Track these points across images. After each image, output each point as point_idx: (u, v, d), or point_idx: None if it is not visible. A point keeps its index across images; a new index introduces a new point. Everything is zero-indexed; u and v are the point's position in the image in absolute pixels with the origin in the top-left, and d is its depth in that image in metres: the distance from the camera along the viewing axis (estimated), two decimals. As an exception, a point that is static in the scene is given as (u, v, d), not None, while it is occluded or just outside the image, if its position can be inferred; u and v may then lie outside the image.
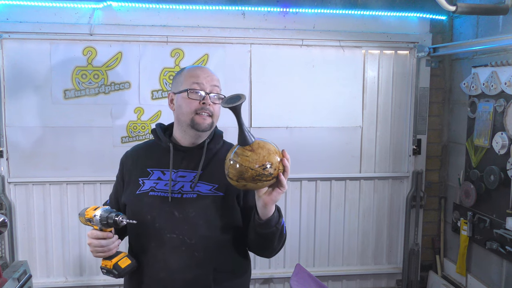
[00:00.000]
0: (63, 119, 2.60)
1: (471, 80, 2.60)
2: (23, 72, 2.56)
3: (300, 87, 2.78)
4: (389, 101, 2.92)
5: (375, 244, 3.02)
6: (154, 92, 2.68)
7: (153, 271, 1.40)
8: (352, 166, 2.91)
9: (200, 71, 1.46)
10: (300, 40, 2.74)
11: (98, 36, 2.57)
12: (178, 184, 1.42)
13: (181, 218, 1.39)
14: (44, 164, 2.63)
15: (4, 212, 2.58)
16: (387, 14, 2.79)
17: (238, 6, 2.65)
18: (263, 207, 1.26)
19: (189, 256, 1.38)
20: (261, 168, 1.15)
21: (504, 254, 2.39)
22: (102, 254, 1.36)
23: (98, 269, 2.74)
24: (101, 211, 1.34)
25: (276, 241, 1.36)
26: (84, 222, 1.39)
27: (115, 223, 1.33)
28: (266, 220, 1.29)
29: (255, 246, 1.44)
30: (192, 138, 1.46)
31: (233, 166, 1.18)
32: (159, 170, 1.45)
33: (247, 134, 1.19)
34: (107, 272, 1.38)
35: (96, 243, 1.34)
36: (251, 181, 1.16)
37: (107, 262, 1.37)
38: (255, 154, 1.16)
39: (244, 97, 1.18)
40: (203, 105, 1.40)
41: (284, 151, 1.21)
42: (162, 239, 1.39)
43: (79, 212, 1.43)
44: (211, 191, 1.41)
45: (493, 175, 2.43)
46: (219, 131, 1.55)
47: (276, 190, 1.22)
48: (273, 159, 1.17)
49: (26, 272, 2.27)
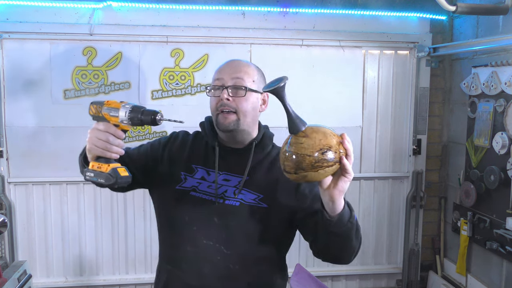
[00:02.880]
0: (63, 119, 2.60)
1: (471, 80, 2.59)
2: (23, 72, 2.56)
3: (300, 87, 2.77)
4: (389, 101, 2.92)
5: (375, 244, 3.02)
6: (154, 92, 2.67)
7: (186, 276, 1.32)
8: (352, 166, 2.90)
9: (225, 65, 1.34)
10: (300, 40, 2.74)
11: (98, 36, 2.57)
12: (222, 188, 1.31)
13: (220, 225, 1.30)
14: (44, 164, 2.63)
15: (4, 212, 2.58)
16: (387, 14, 2.78)
17: (238, 6, 2.65)
18: (331, 202, 1.11)
19: (223, 268, 1.29)
20: (320, 153, 1.03)
21: (504, 254, 2.39)
22: (99, 151, 1.15)
23: (98, 269, 2.75)
24: (133, 104, 1.15)
25: (354, 239, 1.20)
26: (96, 112, 1.19)
27: (152, 121, 1.13)
28: (338, 216, 1.13)
29: (332, 251, 1.26)
30: (227, 138, 1.34)
31: (288, 157, 1.05)
32: (204, 169, 1.34)
33: (296, 120, 1.07)
34: (95, 176, 1.16)
35: (103, 136, 1.14)
36: (310, 169, 1.03)
37: (102, 165, 1.16)
38: (310, 139, 1.04)
39: (286, 78, 1.06)
40: (221, 101, 1.27)
41: (343, 134, 1.09)
42: (198, 245, 1.30)
43: (92, 101, 1.22)
44: (255, 201, 1.30)
45: (493, 175, 2.42)
46: (269, 133, 1.40)
47: (342, 179, 1.09)
48: (331, 142, 1.05)
49: (26, 272, 2.27)
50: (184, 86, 2.69)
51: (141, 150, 1.42)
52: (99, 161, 1.16)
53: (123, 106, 1.15)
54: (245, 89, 1.29)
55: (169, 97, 2.69)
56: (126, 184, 1.19)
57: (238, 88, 1.29)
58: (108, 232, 2.74)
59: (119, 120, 1.15)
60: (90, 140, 1.16)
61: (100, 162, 1.16)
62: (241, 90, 1.29)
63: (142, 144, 1.45)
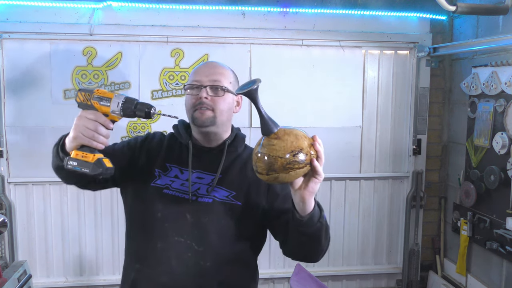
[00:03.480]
0: (63, 119, 2.60)
1: (471, 80, 2.59)
2: (23, 72, 2.56)
3: (300, 87, 2.77)
4: (389, 101, 2.92)
5: (375, 244, 3.02)
6: (154, 92, 2.68)
7: (155, 273, 1.32)
8: (352, 166, 2.91)
9: (203, 66, 1.39)
10: (300, 40, 2.74)
11: (98, 36, 2.57)
12: (195, 186, 1.33)
13: (192, 222, 1.31)
14: (44, 164, 2.62)
15: (4, 212, 2.58)
16: (387, 14, 2.78)
17: (238, 6, 2.65)
18: (301, 203, 1.14)
19: (194, 264, 1.30)
20: (291, 155, 1.05)
21: (504, 254, 2.39)
22: (86, 140, 1.12)
23: (98, 269, 2.75)
24: (126, 95, 1.13)
25: (323, 238, 1.24)
26: (84, 100, 1.15)
27: (147, 114, 1.12)
28: (308, 216, 1.17)
29: (301, 250, 1.30)
30: (202, 136, 1.37)
31: (260, 159, 1.08)
32: (177, 168, 1.36)
33: (269, 121, 1.09)
34: (79, 166, 1.11)
35: (91, 125, 1.12)
36: (282, 171, 1.06)
37: (87, 155, 1.12)
38: (282, 141, 1.07)
39: (259, 80, 1.08)
40: (200, 99, 1.32)
41: (315, 136, 1.11)
42: (169, 241, 1.31)
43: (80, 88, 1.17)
44: (228, 199, 1.33)
45: (493, 175, 2.42)
46: (241, 134, 1.45)
47: (312, 180, 1.11)
48: (302, 144, 1.07)
49: (26, 272, 2.27)
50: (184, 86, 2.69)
51: (116, 147, 1.43)
52: (83, 150, 1.13)
53: (116, 96, 1.13)
54: (223, 89, 1.34)
55: (169, 97, 2.69)
56: (110, 175, 1.17)
57: (216, 88, 1.33)
58: (108, 232, 2.74)
59: (110, 110, 1.13)
60: (77, 128, 1.13)
61: (84, 151, 1.12)
62: (219, 90, 1.33)
63: (115, 143, 1.46)
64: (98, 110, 1.14)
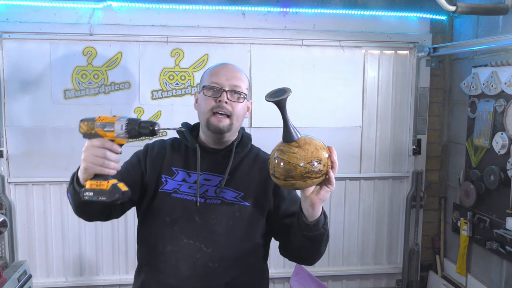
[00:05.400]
0: (63, 119, 2.60)
1: (471, 80, 2.60)
2: (23, 72, 2.56)
3: (300, 87, 2.77)
4: (389, 101, 2.92)
5: (375, 244, 3.02)
6: (154, 92, 2.68)
7: (163, 275, 1.32)
8: (352, 166, 2.91)
9: (221, 68, 1.37)
10: (300, 40, 2.74)
11: (98, 36, 2.57)
12: (203, 188, 1.34)
13: (201, 224, 1.31)
14: (44, 164, 2.63)
15: (4, 212, 2.58)
16: (387, 14, 2.79)
17: (238, 6, 2.65)
18: (311, 208, 1.19)
19: (202, 266, 1.30)
20: (310, 165, 1.10)
21: (504, 254, 2.39)
22: (98, 169, 1.11)
23: (98, 269, 2.75)
24: (127, 116, 1.12)
25: (324, 244, 1.29)
26: (88, 130, 1.14)
27: (152, 132, 1.11)
28: (315, 222, 1.21)
29: (301, 253, 1.34)
30: (213, 139, 1.37)
31: (279, 164, 1.12)
32: (184, 171, 1.37)
33: (292, 130, 1.13)
34: (95, 195, 1.12)
35: (100, 153, 1.11)
36: (300, 179, 1.11)
37: (101, 182, 1.12)
38: (302, 150, 1.11)
39: (290, 90, 1.11)
40: (219, 103, 1.30)
41: (331, 148, 1.16)
42: (179, 244, 1.31)
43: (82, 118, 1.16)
44: (236, 199, 1.34)
45: (493, 175, 2.42)
46: (247, 134, 1.46)
47: (324, 189, 1.16)
48: (321, 155, 1.12)
49: (26, 272, 2.27)
50: (184, 86, 2.69)
51: (121, 171, 1.39)
52: (96, 179, 1.13)
53: (118, 119, 1.12)
54: (244, 96, 1.34)
55: (169, 97, 2.69)
56: (127, 198, 1.17)
57: (237, 94, 1.33)
58: (108, 232, 2.74)
59: (115, 134, 1.12)
60: (87, 159, 1.12)
61: (98, 180, 1.13)
62: (240, 96, 1.34)
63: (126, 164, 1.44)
64: (103, 137, 1.13)
